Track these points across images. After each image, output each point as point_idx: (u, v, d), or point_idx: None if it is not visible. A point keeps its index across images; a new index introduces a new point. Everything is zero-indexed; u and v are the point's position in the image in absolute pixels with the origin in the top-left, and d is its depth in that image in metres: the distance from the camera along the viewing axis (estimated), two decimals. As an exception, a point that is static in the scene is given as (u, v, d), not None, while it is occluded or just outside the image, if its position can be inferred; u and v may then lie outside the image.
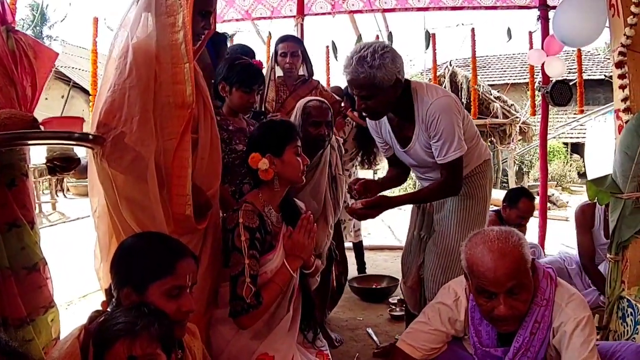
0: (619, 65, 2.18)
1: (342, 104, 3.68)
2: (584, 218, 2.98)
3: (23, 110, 1.64)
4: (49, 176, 9.86)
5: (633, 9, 2.10)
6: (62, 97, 13.76)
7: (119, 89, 1.59)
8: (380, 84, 1.97)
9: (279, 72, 3.27)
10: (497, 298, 1.45)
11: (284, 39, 3.30)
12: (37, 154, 1.77)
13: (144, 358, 1.20)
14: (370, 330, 3.06)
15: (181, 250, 1.41)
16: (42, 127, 1.43)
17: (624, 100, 2.16)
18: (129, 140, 1.56)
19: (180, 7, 1.60)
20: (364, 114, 2.20)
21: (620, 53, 2.17)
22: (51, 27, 21.70)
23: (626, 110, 2.16)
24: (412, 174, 2.57)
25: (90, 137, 1.46)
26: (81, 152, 1.71)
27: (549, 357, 1.59)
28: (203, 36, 1.82)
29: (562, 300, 1.56)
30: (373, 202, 2.16)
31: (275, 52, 3.21)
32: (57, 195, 10.91)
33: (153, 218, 1.60)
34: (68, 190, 13.56)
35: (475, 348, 1.65)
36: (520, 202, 3.23)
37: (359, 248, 4.49)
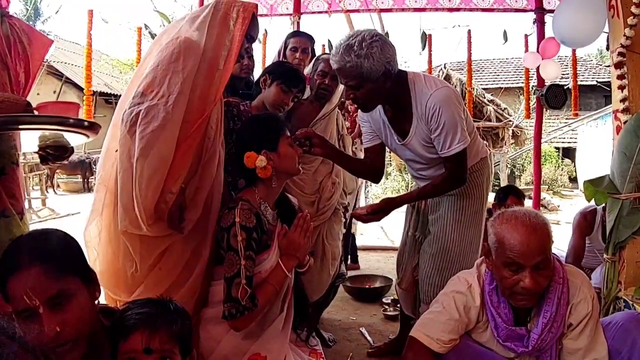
0: (618, 65, 2.19)
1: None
2: (586, 223, 3.01)
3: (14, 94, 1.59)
4: (39, 172, 9.79)
5: (633, 9, 2.10)
6: (54, 92, 13.66)
7: (162, 69, 1.73)
8: (367, 74, 1.90)
9: None
10: (524, 271, 1.51)
11: (297, 34, 3.30)
12: (26, 144, 1.74)
13: (161, 353, 1.15)
14: (363, 330, 3.04)
15: (11, 263, 1.11)
16: (36, 112, 1.39)
17: (623, 100, 2.17)
18: (162, 112, 1.68)
19: (232, 29, 1.87)
20: (354, 105, 2.15)
21: (620, 54, 2.17)
22: (44, 21, 21.56)
23: (625, 110, 2.17)
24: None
25: (86, 123, 1.42)
26: (74, 141, 1.67)
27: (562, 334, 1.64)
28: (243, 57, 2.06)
29: (576, 278, 1.65)
30: (378, 207, 2.12)
31: (285, 46, 3.17)
32: (47, 192, 10.81)
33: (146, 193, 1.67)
34: (58, 186, 13.46)
35: (497, 330, 1.65)
36: (508, 200, 3.32)
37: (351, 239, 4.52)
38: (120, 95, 1.95)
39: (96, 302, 1.26)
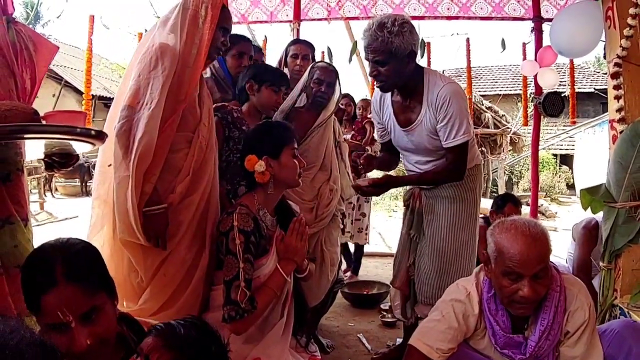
0: (614, 76, 2.22)
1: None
2: (592, 238, 3.00)
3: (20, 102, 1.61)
4: (37, 175, 9.78)
5: (629, 21, 2.14)
6: (53, 95, 13.66)
7: (144, 78, 1.77)
8: (396, 51, 2.04)
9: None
10: (523, 280, 1.52)
11: (296, 41, 3.34)
12: (32, 151, 1.77)
13: None
14: (361, 336, 3.05)
15: (46, 280, 1.12)
16: (43, 121, 1.41)
17: (619, 110, 2.20)
18: (146, 118, 1.72)
19: (201, 27, 1.86)
20: (375, 84, 2.26)
21: (616, 64, 2.21)
22: (44, 25, 21.53)
23: (621, 120, 2.20)
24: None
25: (93, 132, 1.44)
26: (79, 149, 1.69)
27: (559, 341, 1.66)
28: (221, 52, 2.03)
29: (573, 286, 1.66)
30: (379, 181, 2.20)
31: (286, 53, 3.19)
32: (45, 195, 10.80)
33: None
34: (56, 190, 13.44)
35: (495, 337, 1.66)
36: (506, 207, 3.34)
37: (359, 250, 4.54)
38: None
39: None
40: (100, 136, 1.48)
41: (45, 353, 0.77)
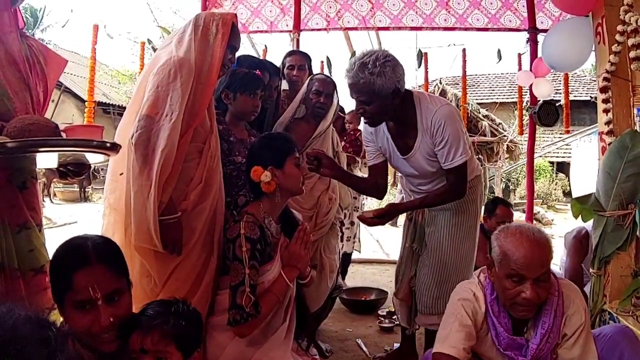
0: (603, 90, 2.29)
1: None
2: (582, 248, 3.06)
3: (35, 114, 1.67)
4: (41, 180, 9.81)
5: (617, 37, 2.22)
6: (53, 101, 13.68)
7: (162, 89, 1.83)
8: (379, 91, 2.02)
9: (284, 86, 3.25)
10: (525, 283, 1.58)
11: (292, 52, 3.40)
12: (47, 160, 1.83)
13: (154, 353, 1.28)
14: (359, 341, 3.10)
15: (80, 259, 1.27)
16: (63, 134, 1.48)
17: (608, 123, 2.28)
18: (167, 130, 1.78)
19: (212, 43, 1.92)
20: (363, 120, 2.24)
21: (605, 79, 2.28)
22: (43, 30, 21.53)
23: (609, 132, 2.27)
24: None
25: (108, 144, 1.52)
26: (92, 159, 1.76)
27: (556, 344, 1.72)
28: (228, 69, 2.07)
29: (570, 291, 1.73)
30: (383, 211, 2.21)
31: (283, 65, 3.25)
32: (43, 201, 10.82)
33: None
34: (55, 195, 13.45)
35: (499, 338, 1.71)
36: (498, 209, 3.45)
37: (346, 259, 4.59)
38: (118, 105, 2.07)
39: None
40: (115, 148, 1.56)
41: (41, 330, 0.85)
